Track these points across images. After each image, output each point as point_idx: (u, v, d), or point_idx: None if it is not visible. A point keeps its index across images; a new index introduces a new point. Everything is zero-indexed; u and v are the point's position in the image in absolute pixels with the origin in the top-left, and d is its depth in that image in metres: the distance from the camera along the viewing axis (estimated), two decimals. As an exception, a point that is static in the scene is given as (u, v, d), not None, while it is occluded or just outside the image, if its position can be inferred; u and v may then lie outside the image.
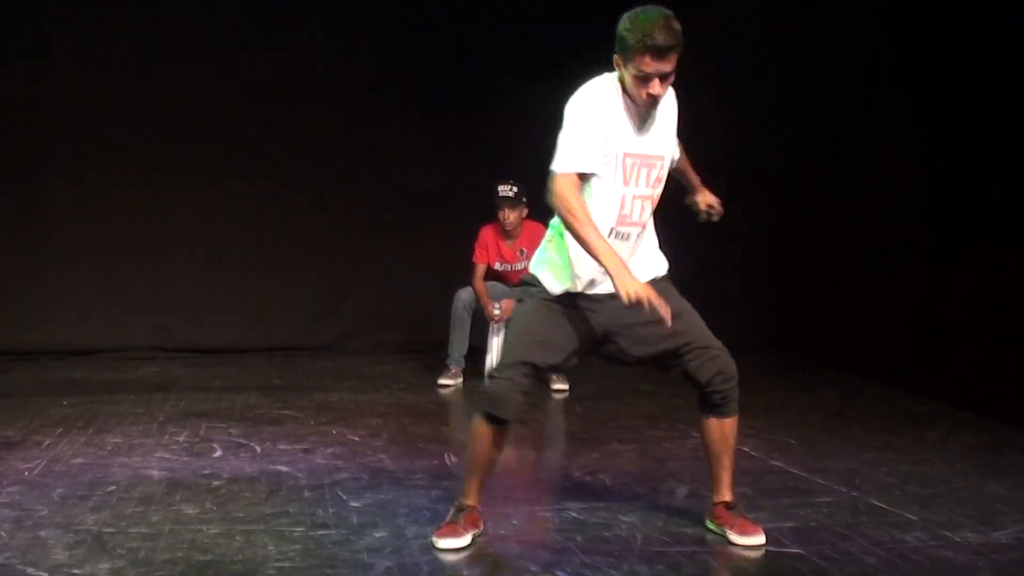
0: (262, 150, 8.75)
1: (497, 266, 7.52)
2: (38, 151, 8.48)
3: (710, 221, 4.28)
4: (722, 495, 4.06)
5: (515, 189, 7.35)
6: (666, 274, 4.00)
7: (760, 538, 3.94)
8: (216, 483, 4.76)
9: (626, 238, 3.84)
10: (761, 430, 5.76)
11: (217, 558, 3.74)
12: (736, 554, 3.81)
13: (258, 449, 5.43)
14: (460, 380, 7.43)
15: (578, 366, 4.04)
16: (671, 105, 3.91)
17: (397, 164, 8.85)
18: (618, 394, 6.93)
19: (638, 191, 3.81)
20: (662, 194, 3.94)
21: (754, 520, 4.04)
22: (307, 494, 4.58)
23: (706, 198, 4.26)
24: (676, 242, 4.35)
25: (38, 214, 8.55)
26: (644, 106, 3.74)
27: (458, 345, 7.44)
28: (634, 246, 3.88)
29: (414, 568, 3.65)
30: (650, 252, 3.97)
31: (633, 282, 3.53)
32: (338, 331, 8.95)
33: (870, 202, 8.65)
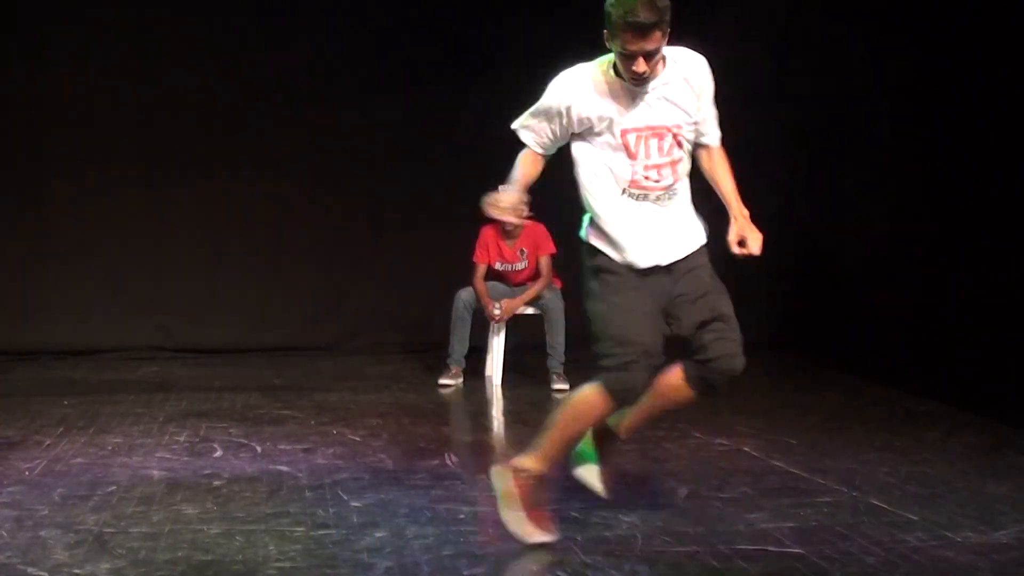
0: (262, 150, 8.75)
1: (498, 266, 7.52)
2: (38, 151, 8.49)
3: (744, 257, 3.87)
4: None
5: (515, 189, 7.33)
6: (700, 247, 3.89)
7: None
8: (217, 483, 4.76)
9: (642, 199, 3.77)
10: (761, 430, 5.75)
11: (218, 558, 3.74)
12: (737, 554, 3.81)
13: (259, 449, 5.43)
14: (460, 380, 7.43)
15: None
16: (691, 75, 3.76)
17: (397, 164, 8.86)
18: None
19: (650, 161, 3.75)
20: None
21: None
22: (308, 494, 4.58)
23: (738, 231, 3.88)
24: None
25: (38, 214, 8.55)
26: (633, 83, 3.67)
27: (458, 345, 7.44)
28: (658, 211, 3.78)
29: (414, 568, 3.65)
30: (682, 221, 3.86)
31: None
32: (338, 331, 8.96)
33: (870, 202, 8.65)
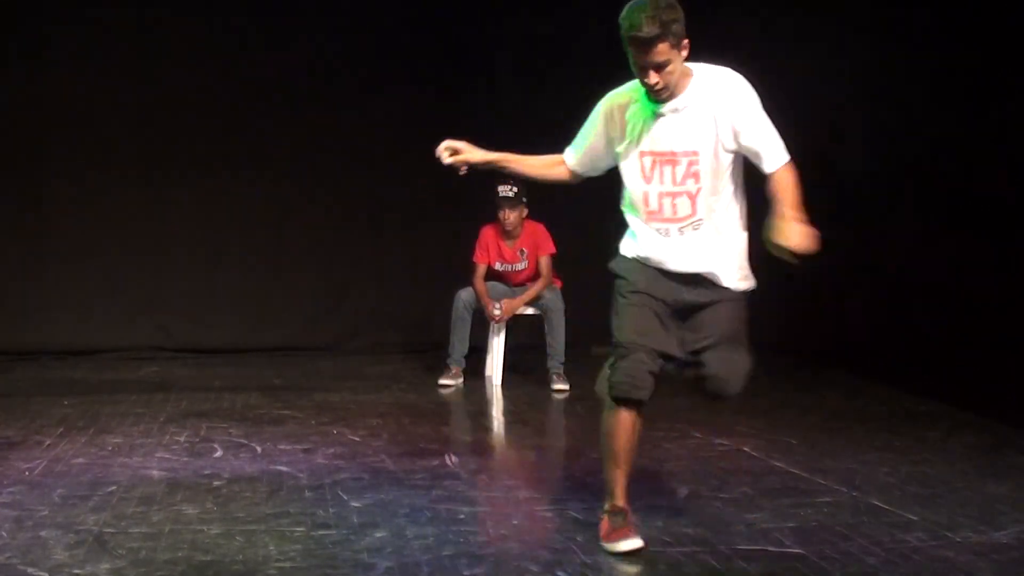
0: (262, 150, 8.75)
1: (498, 266, 7.52)
2: (38, 151, 8.48)
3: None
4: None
5: (515, 189, 7.34)
6: (727, 290, 3.79)
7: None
8: (217, 483, 4.75)
9: (665, 234, 3.77)
10: (761, 430, 5.75)
11: (218, 558, 3.74)
12: (737, 554, 3.81)
13: (259, 449, 5.43)
14: (461, 380, 7.43)
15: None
16: (717, 98, 3.68)
17: (397, 164, 8.84)
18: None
19: (664, 188, 3.73)
20: None
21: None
22: (308, 494, 4.58)
23: (777, 225, 3.71)
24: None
25: (38, 214, 8.54)
26: (654, 97, 3.66)
27: (459, 345, 7.44)
28: (681, 245, 3.75)
29: (414, 568, 3.65)
30: (714, 248, 3.77)
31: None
32: (338, 331, 8.95)
33: (870, 202, 8.65)
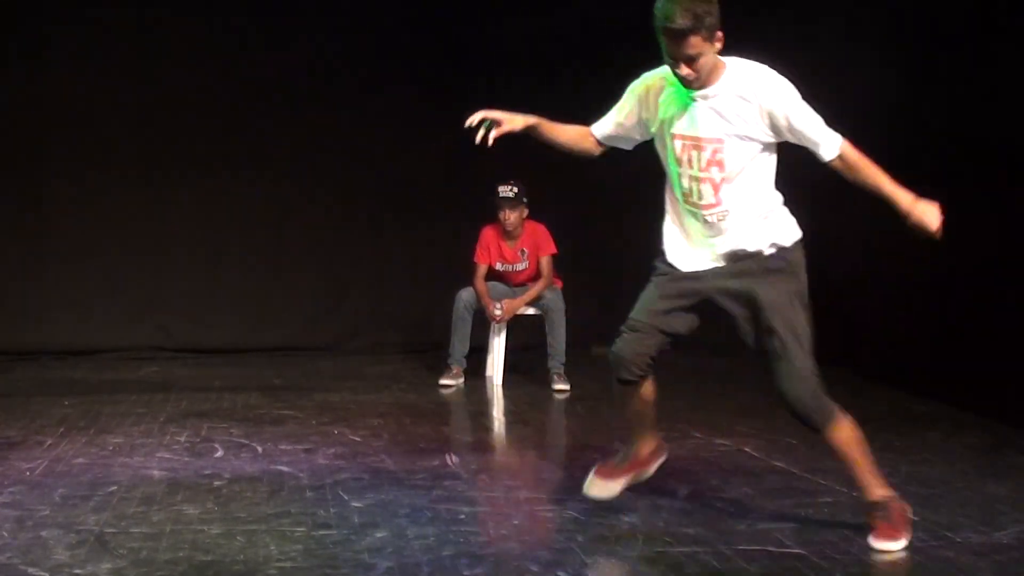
0: (262, 150, 8.75)
1: (498, 266, 7.52)
2: (38, 151, 8.48)
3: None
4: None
5: (515, 189, 7.34)
6: (760, 253, 3.89)
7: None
8: (217, 483, 4.75)
9: (698, 218, 3.86)
10: (762, 430, 5.74)
11: (218, 558, 3.74)
12: (737, 554, 3.81)
13: (259, 449, 5.43)
14: (461, 380, 7.43)
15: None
16: (749, 93, 3.76)
17: (397, 164, 8.85)
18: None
19: (692, 172, 3.82)
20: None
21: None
22: (308, 494, 4.58)
23: (916, 219, 4.02)
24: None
25: (38, 214, 8.54)
26: (684, 86, 3.73)
27: (459, 345, 7.44)
28: (716, 232, 3.85)
29: (415, 568, 3.65)
30: (739, 240, 3.88)
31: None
32: (339, 331, 8.95)
33: (870, 202, 8.64)
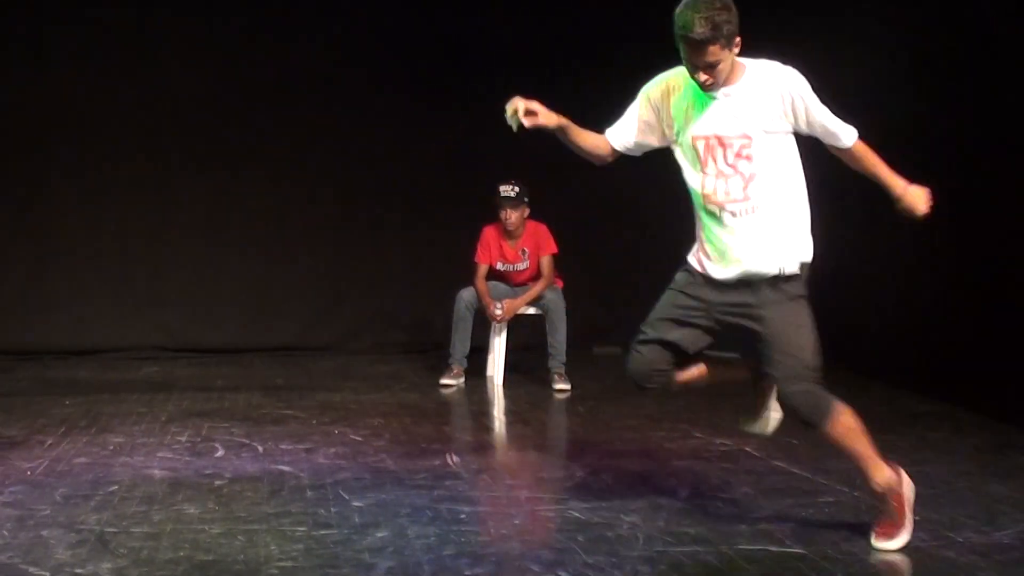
0: (263, 150, 8.75)
1: (499, 266, 7.52)
2: (38, 151, 8.49)
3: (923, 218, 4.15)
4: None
5: (516, 189, 7.34)
6: (779, 275, 3.80)
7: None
8: (218, 483, 4.75)
9: (718, 217, 3.82)
10: (763, 430, 5.74)
11: (219, 558, 3.74)
12: (738, 554, 3.81)
13: (260, 449, 5.43)
14: (462, 380, 7.43)
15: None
16: (772, 87, 3.76)
17: (398, 164, 8.85)
18: (620, 394, 6.91)
19: (717, 169, 3.81)
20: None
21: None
22: (309, 494, 4.58)
23: (908, 203, 4.24)
24: (676, 243, 4.34)
25: (40, 214, 8.55)
26: (703, 89, 3.74)
27: (460, 345, 7.44)
28: (735, 229, 3.81)
29: (416, 568, 3.65)
30: (758, 242, 3.81)
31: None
32: (340, 331, 8.96)
33: (871, 201, 8.64)
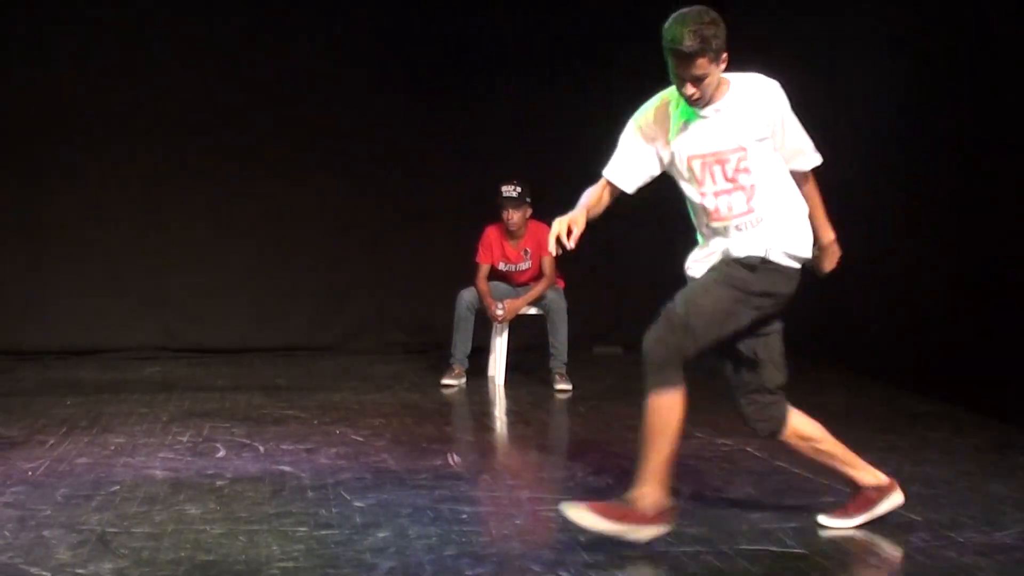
0: (264, 150, 8.75)
1: (501, 266, 7.51)
2: (38, 151, 8.49)
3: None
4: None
5: (519, 189, 7.34)
6: (750, 256, 3.83)
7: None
8: (220, 483, 4.75)
9: (723, 233, 3.85)
10: (764, 430, 5.73)
11: (220, 558, 3.74)
12: (739, 554, 3.80)
13: (261, 449, 5.43)
14: (463, 380, 7.43)
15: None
16: (755, 99, 3.78)
17: (400, 164, 8.86)
18: (621, 394, 6.92)
19: (717, 187, 3.80)
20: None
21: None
22: (310, 494, 4.58)
23: (827, 254, 4.36)
24: (675, 242, 4.34)
25: (39, 214, 8.55)
26: (690, 105, 3.74)
27: (461, 345, 7.43)
28: (739, 239, 3.85)
29: (417, 568, 3.65)
30: (751, 234, 3.84)
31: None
32: (341, 331, 8.96)
33: (871, 201, 8.64)
